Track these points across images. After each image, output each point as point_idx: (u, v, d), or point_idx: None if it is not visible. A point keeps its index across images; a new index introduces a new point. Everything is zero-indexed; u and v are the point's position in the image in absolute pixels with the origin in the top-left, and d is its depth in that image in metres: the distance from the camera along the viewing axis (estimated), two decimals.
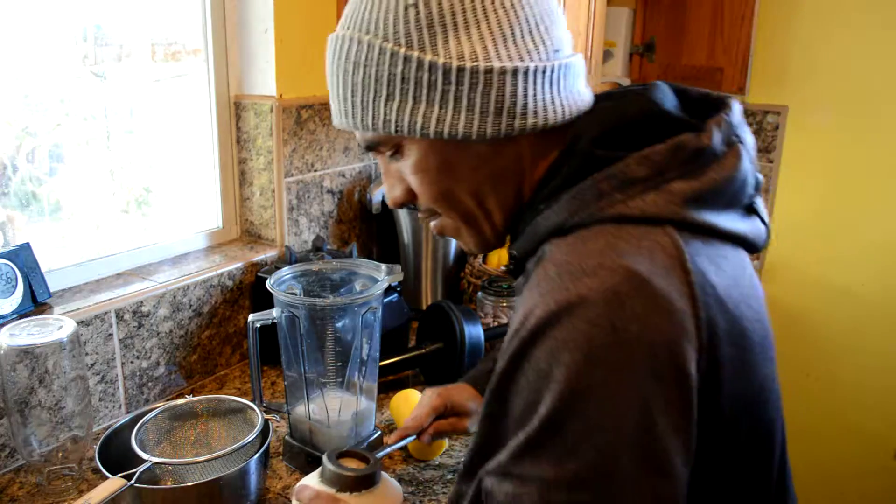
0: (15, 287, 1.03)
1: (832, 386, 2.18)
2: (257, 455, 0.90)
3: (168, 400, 1.20)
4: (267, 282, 0.95)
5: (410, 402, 1.12)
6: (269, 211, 1.43)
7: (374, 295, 0.96)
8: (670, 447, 0.52)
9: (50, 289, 1.10)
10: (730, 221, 0.62)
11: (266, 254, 1.39)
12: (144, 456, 0.86)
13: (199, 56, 1.37)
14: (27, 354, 0.90)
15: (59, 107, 1.17)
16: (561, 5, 1.60)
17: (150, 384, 1.21)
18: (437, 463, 1.05)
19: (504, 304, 1.40)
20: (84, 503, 0.78)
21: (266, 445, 0.92)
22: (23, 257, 1.05)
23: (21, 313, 1.04)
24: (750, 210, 0.66)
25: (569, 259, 0.56)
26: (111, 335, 1.12)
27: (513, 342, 0.55)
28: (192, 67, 1.37)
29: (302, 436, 1.03)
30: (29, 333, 0.92)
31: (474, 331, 1.23)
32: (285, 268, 1.01)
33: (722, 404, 0.57)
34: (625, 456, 0.51)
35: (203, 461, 0.88)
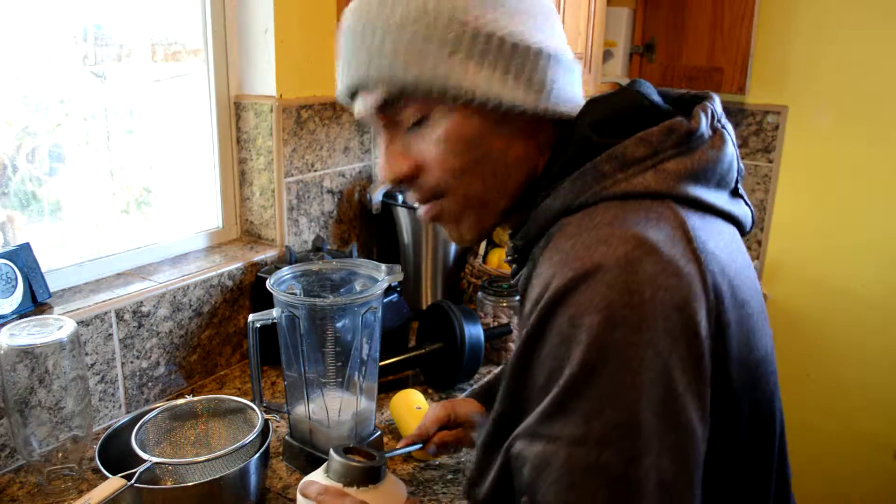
0: (15, 287, 1.04)
1: (832, 386, 2.18)
2: (257, 455, 0.90)
3: (168, 400, 1.20)
4: (267, 282, 0.95)
5: (410, 402, 1.12)
6: (269, 211, 1.43)
7: (374, 295, 0.96)
8: (688, 404, 0.55)
9: (50, 289, 1.10)
10: (721, 200, 0.66)
11: (266, 254, 1.40)
12: (144, 456, 0.86)
13: (199, 56, 1.37)
14: (27, 354, 0.90)
15: (59, 107, 1.18)
16: (561, 5, 1.60)
17: (150, 384, 1.21)
18: (438, 463, 1.05)
19: (504, 304, 1.40)
20: (84, 503, 0.78)
21: (266, 445, 0.92)
22: (23, 257, 1.05)
23: (21, 313, 1.04)
24: (735, 194, 0.69)
25: (581, 231, 0.60)
26: (111, 335, 1.12)
27: (534, 313, 0.58)
28: (192, 67, 1.37)
29: (302, 436, 1.03)
30: (29, 333, 0.92)
31: (474, 331, 1.23)
32: (285, 268, 1.01)
33: (730, 370, 0.59)
34: (647, 412, 0.53)
35: (203, 461, 0.88)
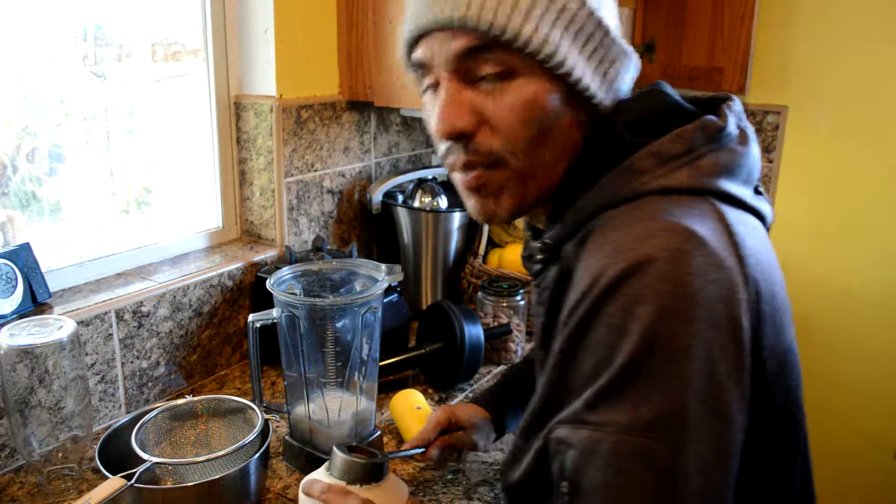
0: (15, 287, 1.04)
1: (832, 386, 2.18)
2: (257, 455, 0.90)
3: (168, 400, 1.20)
4: (267, 282, 0.95)
5: (410, 402, 1.12)
6: (269, 211, 1.43)
7: (374, 295, 0.96)
8: (730, 394, 0.57)
9: (50, 289, 1.10)
10: (748, 196, 0.67)
11: (266, 254, 1.39)
12: (144, 456, 0.86)
13: (200, 56, 1.37)
14: (27, 354, 0.90)
15: (59, 107, 1.18)
16: None
17: (150, 384, 1.21)
18: None
19: (504, 304, 1.40)
20: (84, 503, 0.78)
21: (266, 445, 0.92)
22: (23, 257, 1.05)
23: (21, 313, 1.04)
24: (756, 191, 0.71)
25: (628, 224, 0.61)
26: (111, 335, 1.12)
27: (583, 303, 0.59)
28: (192, 67, 1.37)
29: (302, 436, 1.03)
30: (29, 333, 0.92)
31: (474, 331, 1.23)
32: (285, 268, 1.01)
33: (765, 361, 0.61)
34: (693, 401, 0.55)
35: (203, 461, 0.88)
